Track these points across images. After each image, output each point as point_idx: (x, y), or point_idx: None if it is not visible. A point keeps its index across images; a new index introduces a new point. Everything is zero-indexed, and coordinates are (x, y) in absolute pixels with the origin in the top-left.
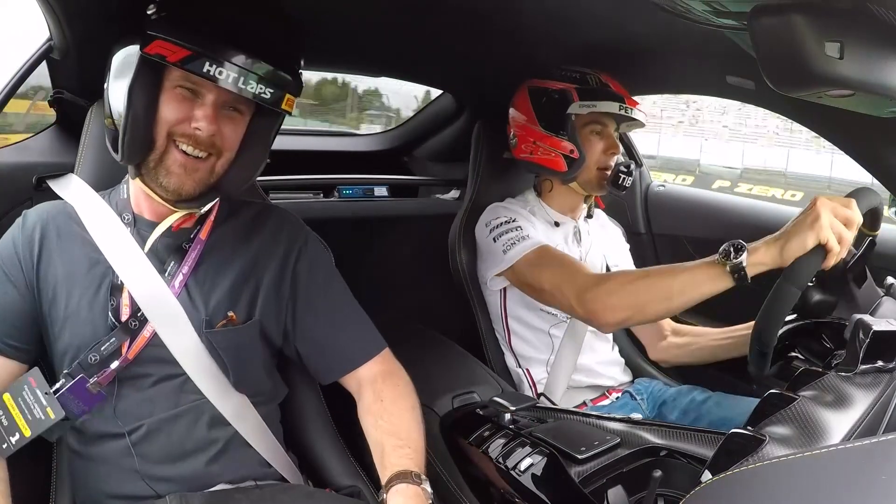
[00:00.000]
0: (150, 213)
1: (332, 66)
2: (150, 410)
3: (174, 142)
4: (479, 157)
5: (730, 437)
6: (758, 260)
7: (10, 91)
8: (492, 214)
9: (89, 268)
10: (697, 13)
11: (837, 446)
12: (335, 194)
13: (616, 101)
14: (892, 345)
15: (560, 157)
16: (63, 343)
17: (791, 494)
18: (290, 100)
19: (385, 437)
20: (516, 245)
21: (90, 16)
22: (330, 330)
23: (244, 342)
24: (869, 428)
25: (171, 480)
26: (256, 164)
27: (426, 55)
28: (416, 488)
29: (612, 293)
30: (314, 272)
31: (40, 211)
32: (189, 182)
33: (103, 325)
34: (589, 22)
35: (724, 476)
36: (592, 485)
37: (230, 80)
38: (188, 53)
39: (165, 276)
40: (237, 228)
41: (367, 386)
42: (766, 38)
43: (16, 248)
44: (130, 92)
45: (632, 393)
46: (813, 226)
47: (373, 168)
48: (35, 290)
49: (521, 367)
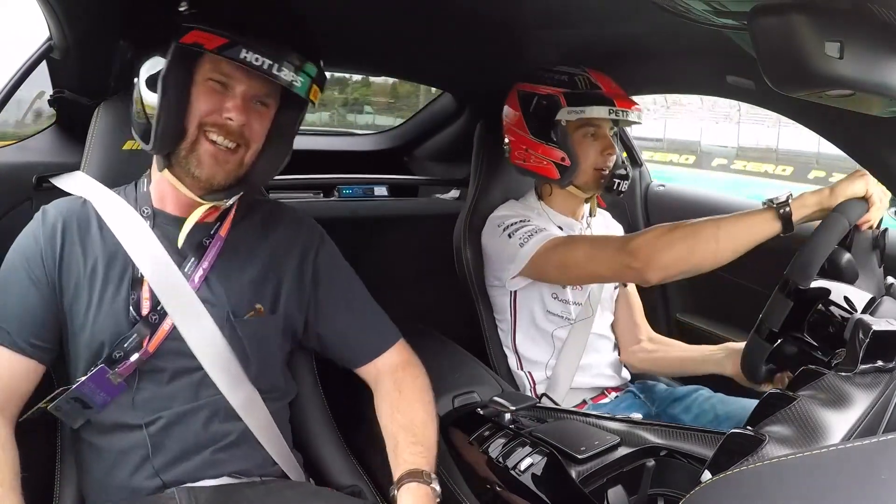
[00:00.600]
0: (175, 206)
1: (333, 66)
2: (168, 403)
3: (205, 132)
4: (482, 157)
5: (730, 437)
6: (804, 202)
7: (10, 91)
8: (501, 217)
9: (110, 262)
10: (697, 13)
11: (837, 446)
12: (335, 194)
13: (605, 105)
14: (891, 344)
15: (552, 165)
16: (85, 338)
17: (791, 494)
18: (316, 91)
19: (400, 431)
20: (533, 236)
21: (90, 16)
22: (351, 319)
23: (269, 334)
24: (869, 428)
25: (180, 472)
26: (282, 156)
27: (426, 54)
28: (426, 488)
29: (660, 237)
30: (332, 267)
31: (60, 207)
32: (220, 172)
33: (125, 319)
34: (588, 22)
35: (723, 476)
36: (592, 484)
37: (266, 66)
38: (225, 41)
39: (185, 270)
40: (253, 225)
41: (387, 375)
42: (766, 37)
43: (38, 245)
44: (164, 82)
45: (635, 392)
46: (861, 178)
47: (373, 168)
48: (57, 286)
49: (522, 370)
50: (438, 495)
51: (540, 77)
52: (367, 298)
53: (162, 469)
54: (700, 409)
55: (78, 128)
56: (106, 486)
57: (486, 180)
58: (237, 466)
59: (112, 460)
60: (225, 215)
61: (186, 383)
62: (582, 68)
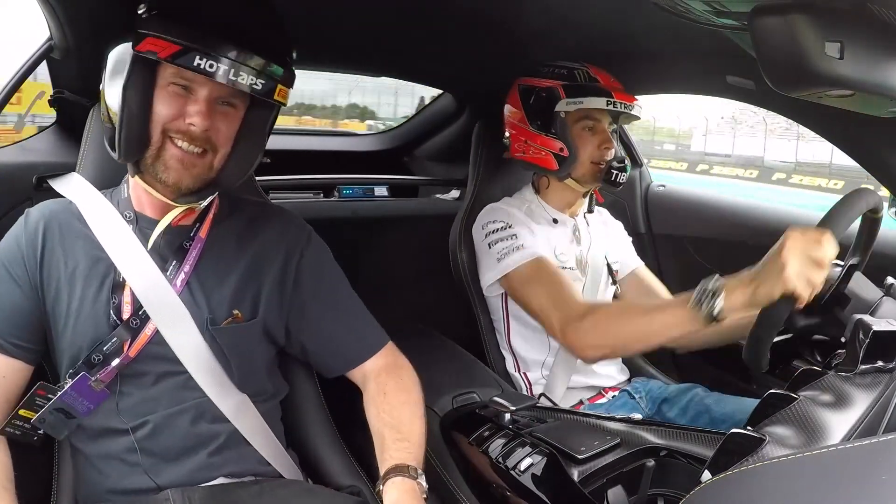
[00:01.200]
0: (152, 209)
1: (332, 67)
2: (153, 407)
3: (170, 138)
4: (480, 158)
5: (730, 437)
6: (732, 305)
7: (10, 91)
8: (488, 216)
9: (92, 265)
10: (697, 13)
11: (837, 446)
12: (335, 194)
13: (603, 97)
14: (891, 345)
15: (550, 156)
16: (66, 341)
17: (791, 494)
18: (282, 91)
19: (385, 428)
20: (511, 255)
21: (91, 16)
22: (334, 326)
23: (248, 340)
24: (869, 428)
25: (173, 475)
26: (252, 157)
27: (425, 55)
28: (411, 482)
29: (592, 331)
30: (317, 270)
31: (43, 209)
32: (187, 177)
33: (105, 322)
34: (589, 22)
35: (723, 476)
36: (592, 485)
37: (221, 72)
38: (178, 49)
39: (167, 274)
40: (238, 227)
41: (372, 378)
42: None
43: (20, 247)
44: (125, 90)
45: (630, 392)
46: (780, 276)
47: (373, 168)
48: (39, 288)
49: (519, 371)
50: (424, 490)
51: (540, 71)
52: (353, 303)
53: (153, 472)
54: (695, 410)
55: (78, 128)
56: (101, 490)
57: (484, 181)
58: (230, 468)
59: (104, 466)
60: (204, 217)
61: (171, 386)
62: (581, 63)
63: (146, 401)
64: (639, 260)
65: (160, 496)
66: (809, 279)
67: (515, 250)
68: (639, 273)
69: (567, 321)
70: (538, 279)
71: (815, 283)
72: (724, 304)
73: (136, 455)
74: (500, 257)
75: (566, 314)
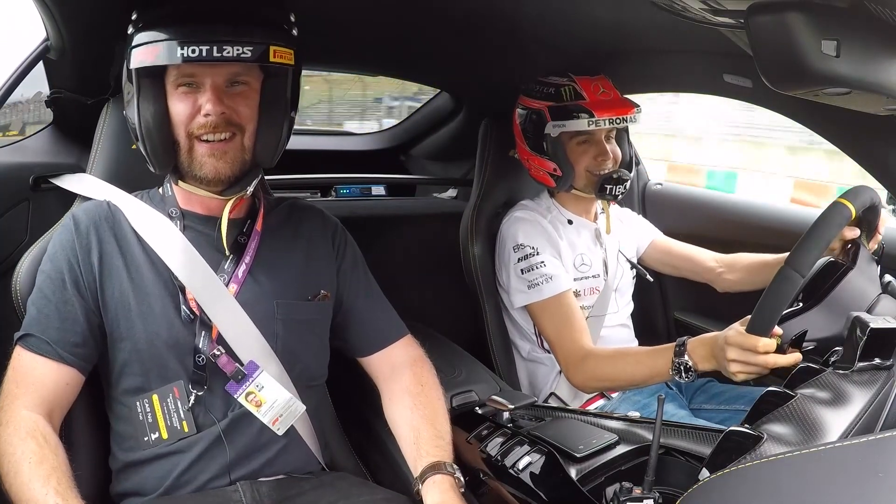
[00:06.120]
0: (202, 207)
1: (330, 65)
2: (231, 403)
3: (196, 138)
4: (486, 156)
5: (727, 435)
6: (703, 368)
7: (6, 91)
8: (518, 234)
9: (151, 265)
10: (694, 11)
11: (835, 444)
12: (332, 193)
13: (585, 118)
14: (889, 342)
15: (547, 175)
16: (132, 342)
17: (788, 492)
18: (278, 51)
19: (423, 423)
20: (539, 286)
21: (87, 16)
22: (371, 306)
23: (320, 318)
24: (866, 425)
25: (245, 469)
26: (280, 128)
27: (423, 54)
28: (450, 479)
29: (591, 373)
30: (353, 255)
31: (89, 212)
32: (223, 164)
33: (177, 318)
34: (585, 21)
35: (721, 474)
36: (591, 483)
37: (204, 52)
38: (158, 49)
39: (225, 268)
40: (281, 219)
41: (406, 368)
42: (763, 36)
43: (75, 253)
44: (138, 107)
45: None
46: (728, 366)
47: (370, 167)
48: (99, 293)
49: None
50: (462, 484)
51: (532, 90)
52: (378, 289)
53: (231, 466)
54: (730, 395)
55: (76, 128)
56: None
57: (492, 178)
58: (294, 465)
59: (189, 459)
60: (254, 211)
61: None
62: (570, 77)
63: (225, 396)
64: (654, 231)
65: (229, 489)
66: (748, 362)
67: (545, 282)
68: (657, 245)
69: (569, 361)
70: (553, 314)
71: (753, 369)
72: (699, 366)
73: (223, 448)
74: (531, 285)
75: (569, 354)
